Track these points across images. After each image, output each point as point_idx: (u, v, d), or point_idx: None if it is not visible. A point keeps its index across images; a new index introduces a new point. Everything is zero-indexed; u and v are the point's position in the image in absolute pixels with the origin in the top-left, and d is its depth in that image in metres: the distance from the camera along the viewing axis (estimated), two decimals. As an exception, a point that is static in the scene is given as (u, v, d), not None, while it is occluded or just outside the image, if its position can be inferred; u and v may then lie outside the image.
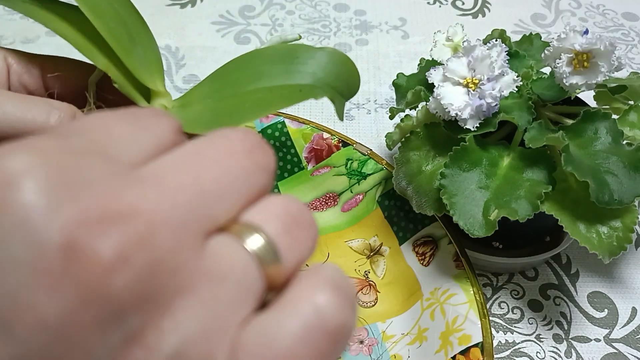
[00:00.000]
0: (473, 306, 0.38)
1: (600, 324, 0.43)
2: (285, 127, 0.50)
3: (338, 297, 0.15)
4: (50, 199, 0.12)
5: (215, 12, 0.71)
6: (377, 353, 0.40)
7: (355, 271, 0.45)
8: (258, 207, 0.16)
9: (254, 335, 0.14)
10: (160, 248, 0.13)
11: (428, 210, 0.39)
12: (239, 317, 0.15)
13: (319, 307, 0.15)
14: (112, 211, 0.13)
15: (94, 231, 0.12)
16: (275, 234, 0.16)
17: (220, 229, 0.15)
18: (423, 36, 0.69)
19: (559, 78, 0.37)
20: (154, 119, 0.16)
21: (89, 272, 0.12)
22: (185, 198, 0.14)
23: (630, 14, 0.72)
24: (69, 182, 0.13)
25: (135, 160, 0.15)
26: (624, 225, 0.36)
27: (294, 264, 0.16)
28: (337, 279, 0.16)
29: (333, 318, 0.15)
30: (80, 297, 0.12)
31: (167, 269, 0.13)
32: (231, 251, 0.15)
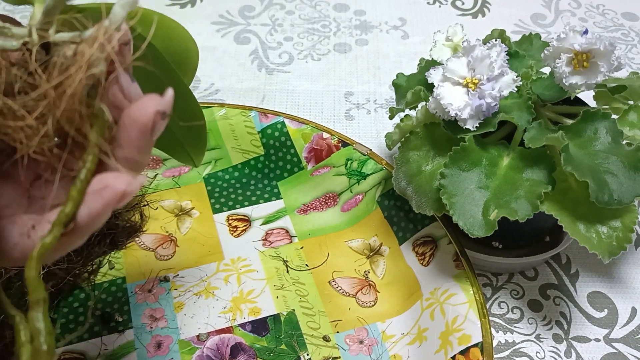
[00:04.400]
0: (473, 306, 0.38)
1: (600, 323, 0.43)
2: (285, 127, 0.50)
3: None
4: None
5: (215, 12, 0.71)
6: (377, 353, 0.40)
7: (355, 271, 0.45)
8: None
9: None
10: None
11: (428, 210, 0.39)
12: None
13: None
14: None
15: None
16: None
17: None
18: (423, 36, 0.69)
19: (559, 78, 0.37)
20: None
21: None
22: None
23: (630, 14, 0.72)
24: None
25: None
26: (624, 225, 0.36)
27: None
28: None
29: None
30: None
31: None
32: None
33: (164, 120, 0.20)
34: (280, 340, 0.41)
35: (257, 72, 0.63)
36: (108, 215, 0.20)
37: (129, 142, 0.20)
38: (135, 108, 0.19)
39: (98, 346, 0.40)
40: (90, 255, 0.43)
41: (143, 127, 0.19)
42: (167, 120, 0.20)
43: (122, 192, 0.19)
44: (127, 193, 0.19)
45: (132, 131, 0.19)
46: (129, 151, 0.20)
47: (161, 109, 0.19)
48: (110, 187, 0.19)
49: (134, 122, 0.19)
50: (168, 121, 0.29)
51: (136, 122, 0.19)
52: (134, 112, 0.19)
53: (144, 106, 0.19)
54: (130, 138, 0.20)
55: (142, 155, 0.20)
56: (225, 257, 0.46)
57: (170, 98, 0.20)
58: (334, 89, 0.61)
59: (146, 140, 0.20)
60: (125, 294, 0.43)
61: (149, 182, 0.49)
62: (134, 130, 0.19)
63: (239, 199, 0.50)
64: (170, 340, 0.41)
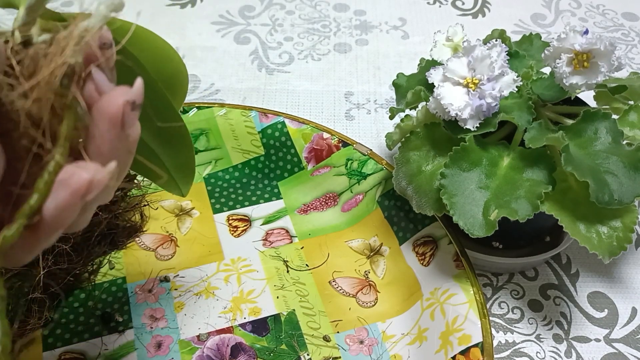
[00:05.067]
0: (473, 306, 0.38)
1: (600, 324, 0.43)
2: (285, 127, 0.50)
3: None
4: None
5: (215, 12, 0.71)
6: (377, 353, 0.40)
7: (355, 271, 0.45)
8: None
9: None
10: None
11: (428, 210, 0.39)
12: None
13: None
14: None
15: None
16: None
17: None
18: (423, 36, 0.69)
19: (559, 78, 0.37)
20: None
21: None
22: None
23: (630, 14, 0.72)
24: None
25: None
26: (624, 225, 0.36)
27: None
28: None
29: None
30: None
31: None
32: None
33: (135, 112, 0.19)
34: (280, 340, 0.41)
35: (257, 72, 0.63)
36: (77, 208, 0.19)
37: (100, 136, 0.19)
38: (104, 100, 0.19)
39: (98, 346, 0.40)
40: (91, 255, 0.43)
41: (112, 118, 0.19)
42: (138, 112, 0.20)
43: (89, 181, 0.18)
44: (94, 183, 0.18)
45: (102, 124, 0.19)
46: (101, 145, 0.19)
47: (130, 98, 0.19)
48: (76, 176, 0.18)
49: (103, 114, 0.19)
50: (156, 149, 0.29)
51: (105, 114, 0.19)
52: (103, 104, 0.19)
53: (113, 97, 0.19)
54: (101, 131, 0.19)
55: (115, 150, 0.20)
56: (226, 257, 0.46)
57: (139, 87, 0.19)
58: (334, 89, 0.61)
59: (117, 133, 0.19)
60: (126, 294, 0.43)
61: (149, 182, 0.49)
62: (104, 123, 0.19)
63: (239, 199, 0.50)
64: (171, 340, 0.41)
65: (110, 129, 0.19)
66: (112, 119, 0.19)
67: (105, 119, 0.19)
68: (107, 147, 0.19)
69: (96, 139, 0.19)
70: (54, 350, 0.40)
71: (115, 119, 0.19)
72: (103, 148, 0.19)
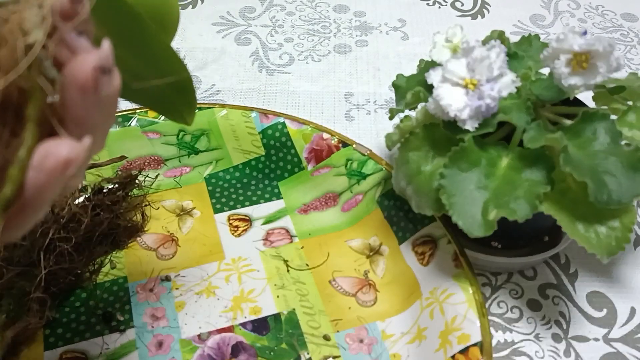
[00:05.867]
0: (472, 305, 0.38)
1: (599, 323, 0.43)
2: (285, 127, 0.50)
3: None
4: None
5: (215, 13, 0.71)
6: (377, 352, 0.40)
7: (355, 271, 0.45)
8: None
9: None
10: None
11: (427, 210, 0.39)
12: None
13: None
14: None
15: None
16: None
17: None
18: (422, 37, 0.69)
19: (558, 79, 0.37)
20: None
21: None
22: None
23: (629, 15, 0.73)
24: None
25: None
26: (623, 225, 0.36)
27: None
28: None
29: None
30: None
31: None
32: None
33: (108, 75, 0.19)
34: (280, 340, 0.41)
35: (257, 73, 0.63)
36: (58, 187, 0.19)
37: (73, 104, 0.19)
38: (73, 66, 0.18)
39: (99, 345, 0.40)
40: (92, 255, 0.43)
41: (83, 86, 0.18)
42: (110, 75, 0.19)
43: (65, 158, 0.18)
44: (71, 159, 0.18)
45: (73, 92, 0.18)
46: (76, 112, 0.19)
47: (99, 64, 0.18)
48: (52, 154, 0.18)
49: (73, 82, 0.18)
50: (154, 77, 0.28)
51: (75, 82, 0.18)
52: (72, 71, 0.18)
53: (81, 64, 0.18)
54: (73, 99, 0.19)
55: (93, 115, 0.19)
56: (226, 257, 0.46)
57: (107, 51, 0.19)
58: (334, 89, 0.62)
59: (92, 99, 0.19)
60: (127, 294, 0.43)
61: (151, 182, 0.49)
62: (75, 91, 0.18)
63: (240, 199, 0.50)
64: (172, 339, 0.41)
65: (83, 97, 0.18)
66: (83, 86, 0.18)
67: (76, 87, 0.18)
68: (82, 114, 0.19)
69: (71, 107, 0.19)
70: (56, 349, 0.40)
71: (86, 86, 0.18)
72: (79, 115, 0.19)
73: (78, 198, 0.43)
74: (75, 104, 0.18)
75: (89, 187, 0.44)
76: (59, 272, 0.40)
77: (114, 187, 0.45)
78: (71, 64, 0.18)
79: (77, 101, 0.18)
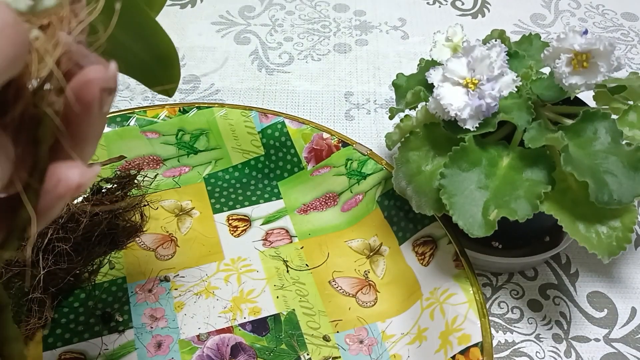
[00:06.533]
0: (472, 306, 0.38)
1: (599, 323, 0.43)
2: (285, 127, 0.50)
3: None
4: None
5: (215, 12, 0.71)
6: (377, 353, 0.40)
7: (355, 271, 0.45)
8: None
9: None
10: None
11: (427, 210, 0.39)
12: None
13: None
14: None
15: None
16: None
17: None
18: (423, 36, 0.69)
19: (559, 78, 0.37)
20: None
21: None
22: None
23: (630, 14, 0.73)
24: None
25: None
26: (623, 225, 0.36)
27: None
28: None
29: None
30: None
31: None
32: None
33: (112, 95, 0.19)
34: (280, 340, 0.41)
35: (257, 72, 0.63)
36: (64, 206, 0.19)
37: (78, 120, 0.19)
38: (80, 86, 0.19)
39: (98, 346, 0.40)
40: (91, 255, 0.43)
41: (88, 106, 0.19)
42: (115, 94, 0.20)
43: (77, 184, 0.19)
44: (81, 184, 0.19)
45: (79, 109, 0.19)
46: (79, 128, 0.19)
47: (106, 86, 0.19)
48: (64, 181, 0.19)
49: (79, 101, 0.19)
50: (139, 48, 0.28)
51: (81, 101, 0.19)
52: (79, 90, 0.19)
53: (89, 84, 0.19)
54: (78, 116, 0.19)
55: (94, 129, 0.20)
56: (226, 257, 0.46)
57: (113, 73, 0.19)
58: (334, 89, 0.61)
59: (95, 115, 0.19)
60: (126, 294, 0.43)
61: (150, 182, 0.49)
62: (81, 109, 0.19)
63: (239, 199, 0.50)
64: (171, 340, 0.41)
65: (87, 114, 0.19)
66: (88, 106, 0.19)
67: (82, 106, 0.19)
68: (85, 130, 0.19)
69: (75, 123, 0.19)
70: (54, 350, 0.40)
71: (92, 106, 0.19)
72: (82, 131, 0.19)
73: (77, 198, 0.43)
74: (80, 121, 0.19)
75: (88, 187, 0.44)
76: (57, 272, 0.40)
77: (112, 187, 0.45)
78: (78, 83, 0.18)
79: (82, 118, 0.19)
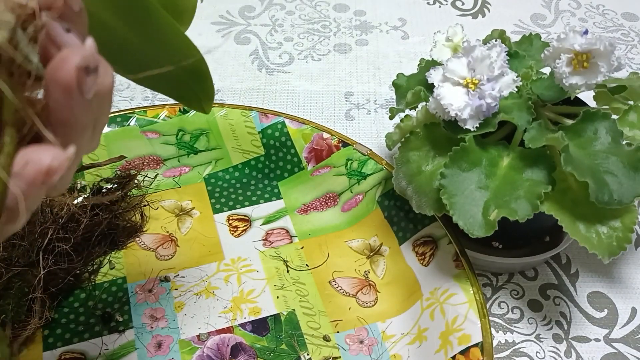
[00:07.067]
0: (473, 306, 0.38)
1: (599, 323, 0.43)
2: (285, 127, 0.50)
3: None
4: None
5: (215, 12, 0.71)
6: (377, 353, 0.40)
7: (355, 271, 0.45)
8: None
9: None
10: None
11: (428, 210, 0.39)
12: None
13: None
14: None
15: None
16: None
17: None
18: (423, 36, 0.69)
19: (559, 78, 0.37)
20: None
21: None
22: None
23: (630, 14, 0.73)
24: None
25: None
26: (624, 225, 0.36)
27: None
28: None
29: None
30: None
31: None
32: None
33: (93, 76, 0.17)
34: (280, 340, 0.41)
35: (257, 72, 0.63)
36: (40, 195, 0.18)
37: (57, 105, 0.17)
38: (54, 66, 0.17)
39: (98, 346, 0.40)
40: (91, 255, 0.43)
41: (66, 88, 0.17)
42: (96, 75, 0.18)
43: (47, 167, 0.17)
44: (53, 168, 0.17)
45: (56, 93, 0.17)
46: (60, 114, 0.18)
47: (82, 63, 0.17)
48: (33, 163, 0.17)
49: (55, 82, 0.17)
50: (171, 68, 0.28)
51: (57, 83, 0.17)
52: (53, 71, 0.17)
53: (64, 63, 0.17)
54: (56, 100, 0.17)
55: (80, 116, 0.18)
56: (226, 257, 0.46)
57: (90, 49, 0.17)
58: (334, 89, 0.61)
59: (77, 100, 0.17)
60: (126, 294, 0.43)
61: (150, 182, 0.49)
62: (58, 92, 0.17)
63: (240, 199, 0.50)
64: (171, 340, 0.41)
65: (67, 98, 0.17)
66: (66, 87, 0.17)
67: (59, 88, 0.17)
68: (67, 115, 0.18)
69: (55, 109, 0.18)
70: (55, 350, 0.40)
71: (70, 87, 0.17)
72: (64, 117, 0.18)
73: (77, 198, 0.43)
74: (59, 105, 0.17)
75: (87, 187, 0.44)
76: (57, 272, 0.40)
77: (112, 187, 0.45)
78: (53, 63, 0.17)
79: (61, 102, 0.17)
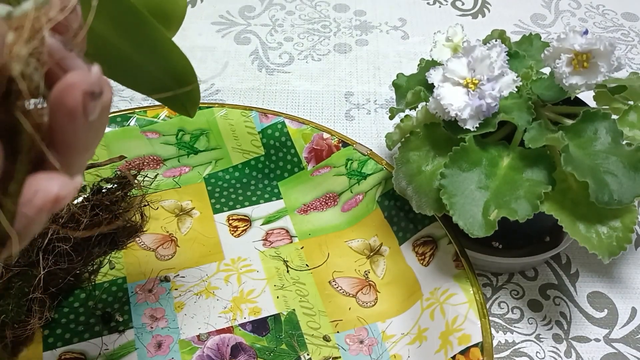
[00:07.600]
0: (473, 306, 0.38)
1: (599, 324, 0.43)
2: (285, 127, 0.50)
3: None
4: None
5: (215, 12, 0.71)
6: (377, 353, 0.40)
7: (355, 271, 0.45)
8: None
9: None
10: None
11: (428, 210, 0.39)
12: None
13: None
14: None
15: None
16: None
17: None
18: (423, 36, 0.69)
19: (559, 78, 0.37)
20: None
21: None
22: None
23: (630, 14, 0.73)
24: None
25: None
26: (624, 225, 0.36)
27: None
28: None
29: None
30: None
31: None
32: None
33: (97, 100, 0.18)
34: (280, 340, 0.41)
35: (257, 72, 0.63)
36: (45, 219, 0.18)
37: (62, 128, 0.18)
38: (61, 90, 0.17)
39: (98, 346, 0.40)
40: (91, 255, 0.43)
41: (72, 112, 0.17)
42: (101, 99, 0.18)
43: (55, 196, 0.17)
44: (60, 197, 0.17)
45: (61, 117, 0.18)
46: (64, 136, 0.18)
47: (88, 89, 0.17)
48: (42, 192, 0.17)
49: (61, 107, 0.17)
50: (155, 69, 0.28)
51: (63, 108, 0.17)
52: (60, 96, 0.17)
53: (71, 89, 0.17)
54: (61, 124, 0.18)
55: (82, 138, 0.18)
56: (226, 257, 0.46)
57: (97, 75, 0.18)
58: (334, 89, 0.61)
59: (80, 123, 0.18)
60: (126, 294, 0.43)
61: (150, 182, 0.49)
62: (63, 116, 0.18)
63: (240, 199, 0.50)
64: (171, 340, 0.41)
65: (72, 122, 0.18)
66: (71, 112, 0.17)
67: (64, 113, 0.17)
68: (71, 138, 0.18)
69: (59, 132, 0.18)
70: (55, 350, 0.40)
71: (75, 112, 0.17)
72: (67, 139, 0.18)
73: (77, 198, 0.43)
74: (64, 129, 0.18)
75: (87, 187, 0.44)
76: (57, 272, 0.40)
77: (112, 187, 0.45)
78: (59, 88, 0.17)
79: (66, 126, 0.18)
